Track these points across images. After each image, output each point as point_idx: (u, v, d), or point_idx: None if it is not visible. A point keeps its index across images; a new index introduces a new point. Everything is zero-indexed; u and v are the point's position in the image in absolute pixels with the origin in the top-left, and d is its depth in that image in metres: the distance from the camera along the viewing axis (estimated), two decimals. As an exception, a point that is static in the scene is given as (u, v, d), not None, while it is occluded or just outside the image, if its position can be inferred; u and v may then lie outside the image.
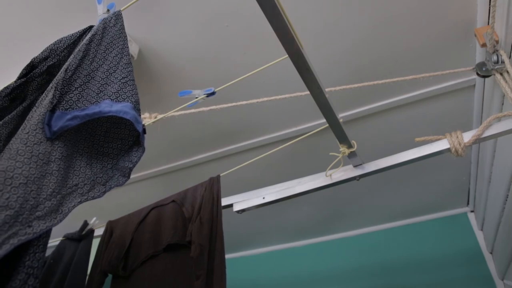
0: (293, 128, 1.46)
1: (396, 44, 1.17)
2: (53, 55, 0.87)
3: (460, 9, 1.07)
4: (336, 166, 0.98)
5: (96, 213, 1.44)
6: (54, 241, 1.36)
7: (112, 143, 0.82)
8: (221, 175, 1.21)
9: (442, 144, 0.95)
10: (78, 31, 0.93)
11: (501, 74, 1.00)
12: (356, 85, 1.09)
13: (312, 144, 1.50)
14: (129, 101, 0.76)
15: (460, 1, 1.05)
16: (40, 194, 0.62)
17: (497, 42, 0.99)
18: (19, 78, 0.85)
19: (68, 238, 1.34)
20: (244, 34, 1.12)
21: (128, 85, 0.79)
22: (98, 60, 0.82)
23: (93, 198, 0.73)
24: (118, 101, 0.76)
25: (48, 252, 1.28)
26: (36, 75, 0.85)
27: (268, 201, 1.15)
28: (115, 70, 0.81)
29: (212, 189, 1.15)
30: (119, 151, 0.81)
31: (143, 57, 1.17)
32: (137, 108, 0.77)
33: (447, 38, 1.15)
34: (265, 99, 1.08)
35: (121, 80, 0.79)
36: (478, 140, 0.93)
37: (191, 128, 1.44)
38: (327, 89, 0.82)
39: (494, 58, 1.00)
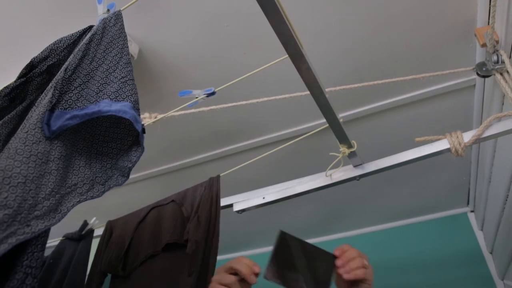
0: (293, 128, 1.46)
1: (396, 44, 1.17)
2: (53, 55, 0.87)
3: (460, 9, 1.07)
4: (336, 166, 0.98)
5: (96, 213, 1.44)
6: (54, 241, 1.36)
7: (111, 142, 0.81)
8: (221, 175, 1.20)
9: (442, 144, 0.95)
10: (78, 31, 0.93)
11: (501, 74, 1.00)
12: (356, 85, 1.09)
13: (312, 144, 1.50)
14: (129, 100, 0.76)
15: (460, 1, 1.05)
16: (39, 193, 0.62)
17: (497, 42, 0.99)
18: (19, 78, 0.85)
19: (68, 238, 1.34)
20: (244, 34, 1.12)
21: (128, 84, 0.79)
22: (98, 59, 0.82)
23: (92, 197, 0.73)
24: (118, 100, 0.75)
25: (48, 252, 1.28)
26: (36, 74, 0.85)
27: (268, 201, 1.15)
28: (115, 70, 0.81)
29: (212, 189, 1.15)
30: (118, 150, 0.81)
31: (143, 57, 1.17)
32: (136, 108, 0.77)
33: (447, 38, 1.15)
34: (265, 99, 1.08)
35: (121, 80, 0.79)
36: (478, 140, 0.93)
37: (191, 128, 1.44)
38: (327, 89, 0.82)
39: (494, 58, 0.99)
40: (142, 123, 0.79)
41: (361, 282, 0.70)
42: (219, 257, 1.01)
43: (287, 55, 0.67)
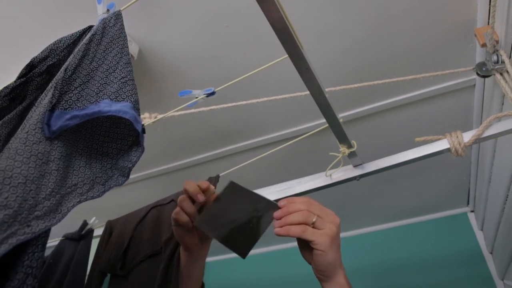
0: (293, 128, 1.46)
1: (396, 44, 1.17)
2: (53, 55, 0.87)
3: (460, 9, 1.07)
4: (336, 166, 0.98)
5: (96, 213, 1.44)
6: (53, 241, 1.36)
7: (111, 142, 0.81)
8: (221, 175, 1.20)
9: (442, 144, 0.95)
10: (78, 31, 0.93)
11: (501, 74, 1.00)
12: (356, 85, 1.09)
13: (312, 144, 1.50)
14: (129, 100, 0.76)
15: (460, 1, 1.05)
16: (39, 193, 0.62)
17: (497, 42, 0.99)
18: (19, 78, 0.85)
19: (68, 238, 1.34)
20: (244, 34, 1.12)
21: (128, 84, 0.79)
22: (98, 59, 0.82)
23: (92, 198, 0.73)
24: (118, 100, 0.75)
25: (48, 252, 1.28)
26: (36, 75, 0.85)
27: (268, 201, 1.14)
28: (115, 70, 0.81)
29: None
30: (118, 151, 0.80)
31: (143, 57, 1.17)
32: (136, 108, 0.77)
33: (447, 38, 1.15)
34: (265, 99, 1.07)
35: (121, 80, 0.79)
36: (478, 140, 0.93)
37: (191, 128, 1.44)
38: (327, 89, 0.82)
39: (494, 58, 0.99)
40: (142, 123, 0.79)
41: (312, 245, 0.55)
42: (219, 258, 1.01)
43: (287, 55, 0.67)
